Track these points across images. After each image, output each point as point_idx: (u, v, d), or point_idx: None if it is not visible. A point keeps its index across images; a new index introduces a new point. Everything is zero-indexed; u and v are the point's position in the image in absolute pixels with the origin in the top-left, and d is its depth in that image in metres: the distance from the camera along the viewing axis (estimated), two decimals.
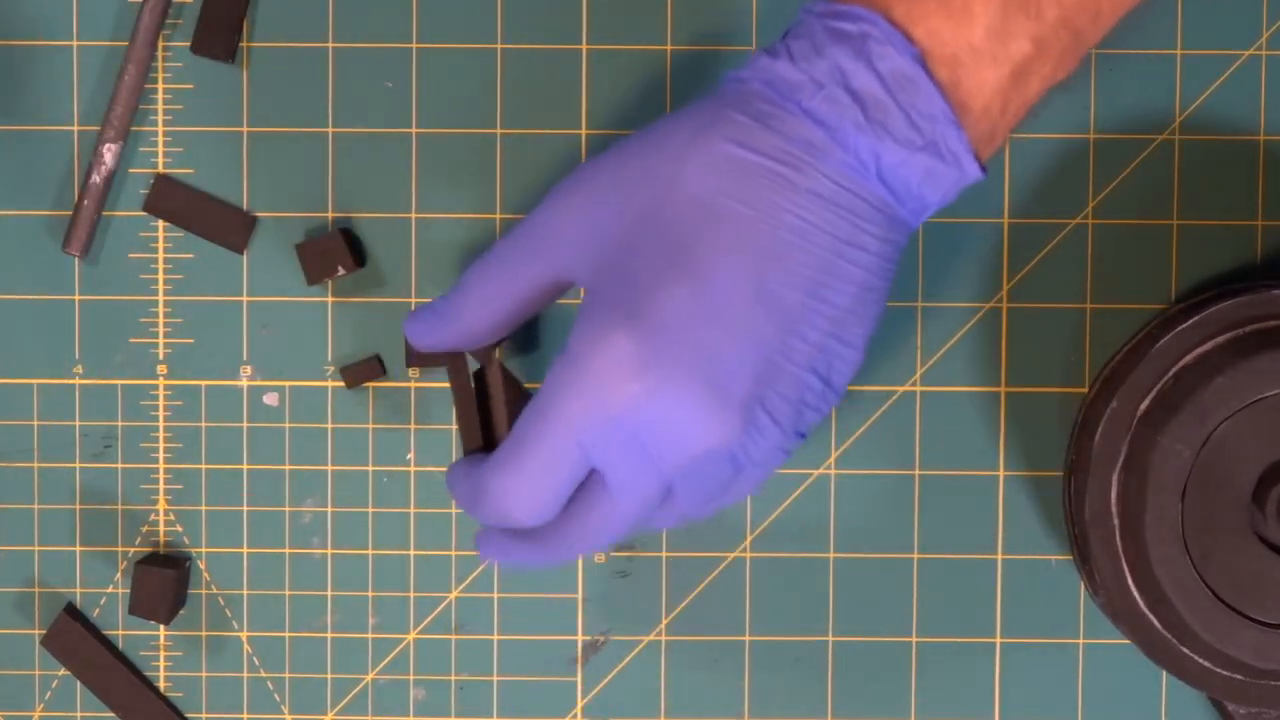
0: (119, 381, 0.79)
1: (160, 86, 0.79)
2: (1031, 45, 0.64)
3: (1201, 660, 0.74)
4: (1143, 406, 0.73)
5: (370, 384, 0.79)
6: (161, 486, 0.79)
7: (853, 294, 0.64)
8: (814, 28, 0.64)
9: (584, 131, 0.78)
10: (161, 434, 0.79)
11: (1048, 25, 0.64)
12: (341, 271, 0.78)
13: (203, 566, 0.80)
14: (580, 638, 0.80)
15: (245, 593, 0.80)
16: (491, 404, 0.71)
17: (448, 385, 0.79)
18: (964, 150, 0.64)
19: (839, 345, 0.65)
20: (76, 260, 0.79)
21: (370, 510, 0.80)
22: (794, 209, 0.63)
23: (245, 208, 0.79)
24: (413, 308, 0.78)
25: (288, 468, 0.79)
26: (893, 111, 0.63)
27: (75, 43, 0.78)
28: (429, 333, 0.71)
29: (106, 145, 0.78)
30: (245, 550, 0.80)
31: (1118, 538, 0.74)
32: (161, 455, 0.79)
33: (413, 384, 0.79)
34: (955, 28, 0.64)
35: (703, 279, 0.63)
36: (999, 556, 0.79)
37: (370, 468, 0.79)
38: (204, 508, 0.79)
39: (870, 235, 0.64)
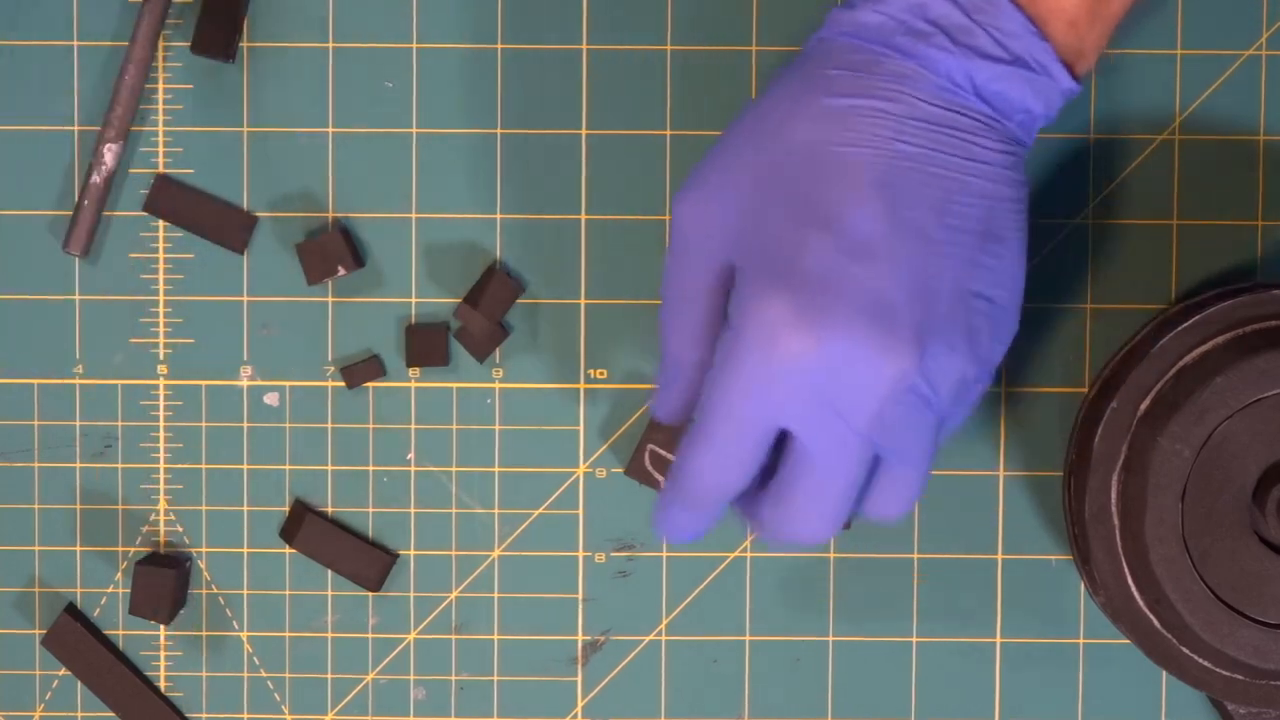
0: (119, 381, 0.79)
1: (160, 86, 0.79)
2: None
3: (1201, 660, 0.74)
4: (1143, 406, 0.73)
5: (370, 384, 0.79)
6: (162, 486, 0.79)
7: (984, 206, 0.67)
8: None
9: (584, 131, 0.78)
10: (162, 434, 0.79)
11: None
12: (341, 271, 0.78)
13: (203, 566, 0.80)
14: (580, 638, 0.80)
15: (245, 593, 0.80)
16: None
17: (447, 385, 0.79)
18: (1051, 60, 0.67)
19: (990, 259, 0.67)
20: (77, 260, 0.79)
21: (370, 510, 0.80)
22: (899, 137, 0.66)
23: (245, 208, 0.79)
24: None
25: (288, 467, 0.79)
26: (977, 33, 0.66)
27: (75, 43, 0.78)
28: (672, 411, 0.72)
29: (106, 145, 0.78)
30: (245, 550, 0.79)
31: (1118, 538, 0.73)
32: (162, 455, 0.79)
33: (413, 384, 0.79)
34: None
35: (838, 223, 0.65)
36: (999, 556, 0.79)
37: (370, 468, 0.79)
38: (204, 508, 0.79)
39: (982, 147, 0.67)
